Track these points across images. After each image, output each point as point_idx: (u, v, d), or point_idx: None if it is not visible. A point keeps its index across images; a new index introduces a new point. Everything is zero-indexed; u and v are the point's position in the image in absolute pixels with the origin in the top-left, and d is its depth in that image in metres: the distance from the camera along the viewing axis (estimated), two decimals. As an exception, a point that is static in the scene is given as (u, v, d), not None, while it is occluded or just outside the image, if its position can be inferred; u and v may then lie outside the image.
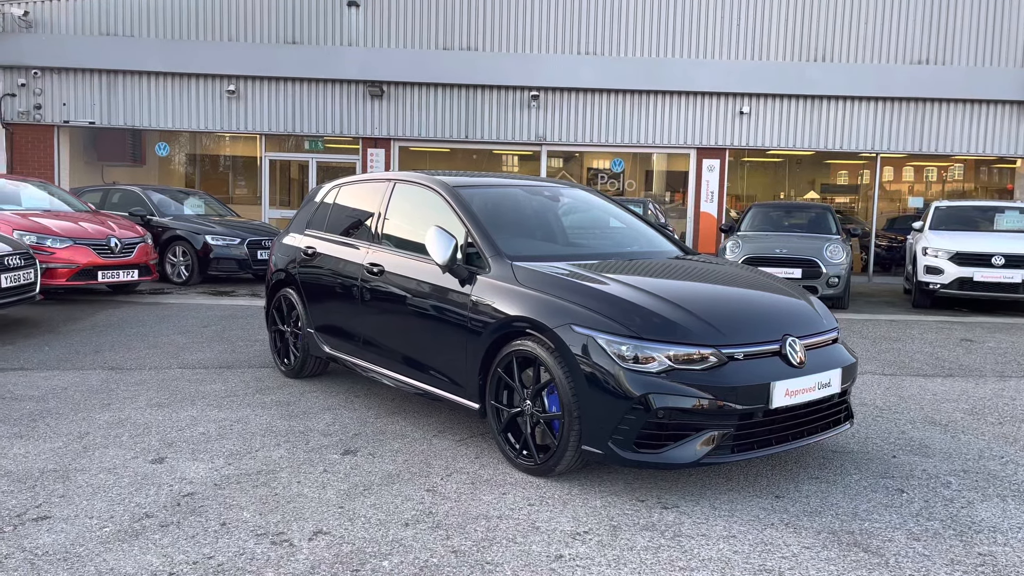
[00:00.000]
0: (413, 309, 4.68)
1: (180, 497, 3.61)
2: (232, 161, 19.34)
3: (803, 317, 4.10)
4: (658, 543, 3.21)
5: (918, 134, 15.85)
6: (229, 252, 11.98)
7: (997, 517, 3.58)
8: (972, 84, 15.56)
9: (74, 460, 4.09)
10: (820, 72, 15.51)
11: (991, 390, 6.15)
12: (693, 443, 3.57)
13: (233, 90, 15.56)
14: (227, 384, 5.77)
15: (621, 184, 17.06)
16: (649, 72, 15.54)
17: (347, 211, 5.70)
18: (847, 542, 3.26)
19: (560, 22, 15.56)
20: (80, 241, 9.60)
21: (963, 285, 10.71)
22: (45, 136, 15.78)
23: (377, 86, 15.53)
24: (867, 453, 4.44)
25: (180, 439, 4.46)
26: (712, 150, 15.90)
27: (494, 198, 5.02)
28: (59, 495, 3.62)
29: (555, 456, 3.79)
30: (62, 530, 3.25)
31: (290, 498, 3.62)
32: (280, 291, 6.04)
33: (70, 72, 15.59)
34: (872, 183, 16.64)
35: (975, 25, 15.56)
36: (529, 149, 16.50)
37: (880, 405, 5.55)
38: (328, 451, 4.30)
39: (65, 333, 7.66)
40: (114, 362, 6.44)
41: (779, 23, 15.56)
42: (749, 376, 3.62)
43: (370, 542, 3.18)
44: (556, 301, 3.89)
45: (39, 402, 5.18)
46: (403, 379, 4.80)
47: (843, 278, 10.67)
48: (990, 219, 12.11)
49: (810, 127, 15.83)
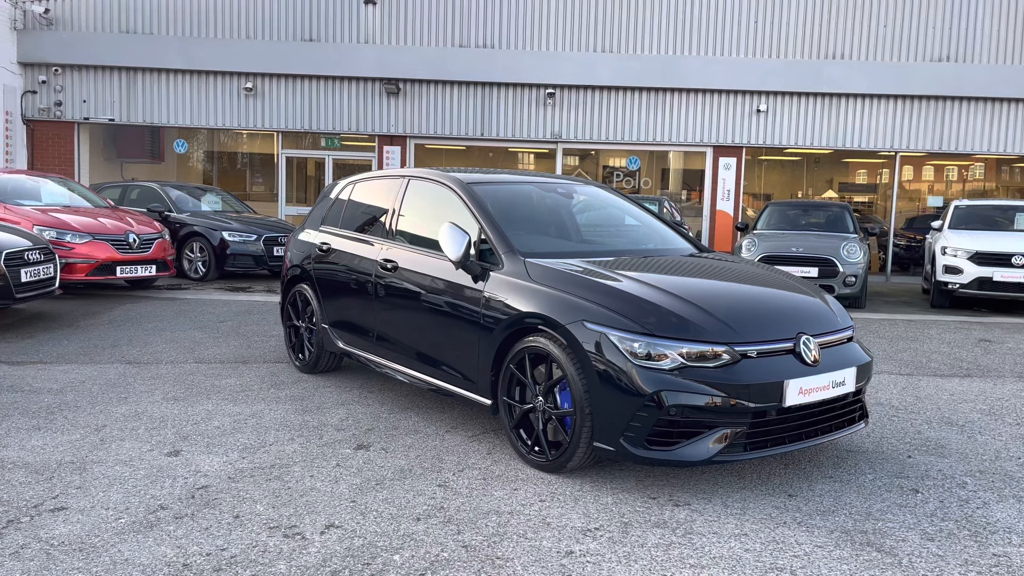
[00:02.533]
0: (426, 305, 4.69)
1: (194, 490, 3.64)
2: (249, 158, 19.46)
3: (818, 315, 4.08)
4: (669, 540, 3.20)
5: (938, 133, 15.69)
6: (245, 248, 12.05)
7: (1013, 518, 3.54)
8: (993, 82, 15.38)
9: (91, 452, 4.13)
10: (838, 70, 15.39)
11: (1009, 391, 6.08)
12: (706, 441, 3.55)
13: (251, 87, 15.65)
14: (242, 379, 5.81)
15: (637, 182, 17.01)
16: (666, 70, 15.48)
17: (362, 207, 5.72)
18: (860, 541, 3.24)
19: (577, 20, 15.53)
20: (99, 237, 9.69)
21: (982, 285, 10.60)
22: (65, 133, 15.94)
23: (393, 84, 15.57)
24: (882, 453, 4.40)
25: (195, 432, 4.50)
26: (729, 148, 15.82)
27: (508, 195, 5.02)
28: (76, 486, 3.66)
29: (567, 452, 3.79)
30: (78, 521, 3.29)
31: (303, 492, 3.64)
32: (295, 287, 6.07)
33: (90, 69, 15.74)
34: (891, 182, 16.49)
35: (996, 22, 15.38)
36: (545, 147, 16.49)
37: (896, 405, 5.51)
38: (341, 446, 4.32)
39: (83, 327, 7.74)
40: (131, 356, 6.50)
41: (797, 20, 15.45)
42: (763, 374, 3.60)
43: (381, 536, 3.20)
44: (569, 298, 3.89)
45: (57, 395, 5.24)
46: (416, 375, 4.81)
47: (860, 277, 10.59)
48: (1010, 219, 11.98)
49: (828, 125, 15.70)
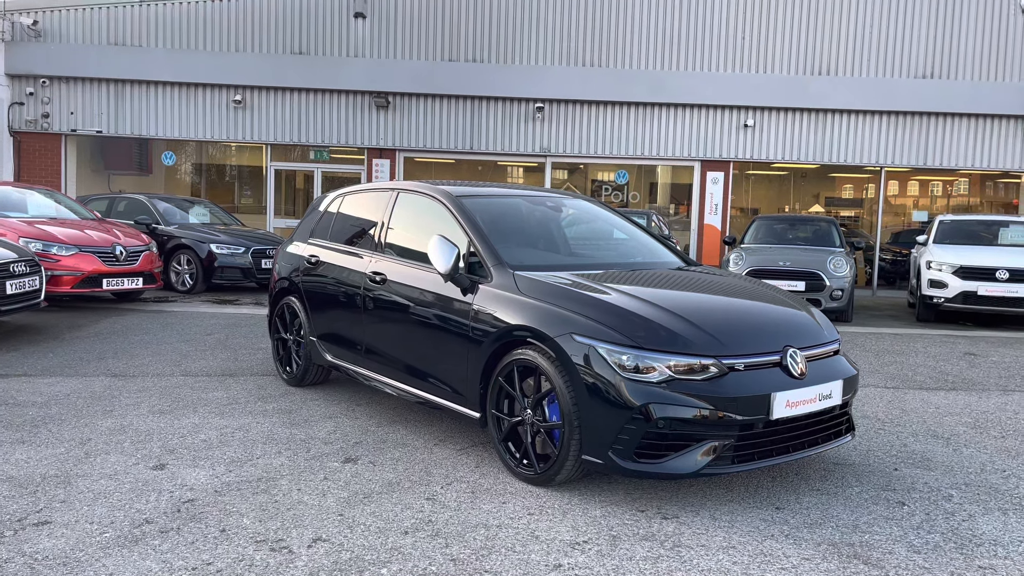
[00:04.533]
0: (415, 318, 4.69)
1: (180, 503, 3.62)
2: (238, 171, 19.41)
3: (804, 328, 4.10)
4: (657, 553, 3.20)
5: (923, 148, 15.86)
6: (233, 261, 12.01)
7: (998, 530, 3.56)
8: (977, 98, 15.58)
9: (76, 466, 4.10)
10: (824, 85, 15.54)
11: (994, 404, 6.13)
12: (694, 453, 3.56)
13: (240, 100, 15.64)
14: (229, 392, 5.78)
15: (625, 196, 17.07)
16: (654, 84, 15.59)
17: (350, 220, 5.72)
18: (847, 554, 3.25)
19: (565, 34, 15.63)
20: (85, 249, 9.64)
21: (967, 299, 10.68)
22: (52, 145, 15.88)
23: (383, 97, 15.61)
24: (869, 466, 4.42)
25: (181, 446, 4.47)
26: (716, 163, 15.92)
27: (497, 208, 5.04)
28: (60, 500, 3.63)
29: (555, 465, 3.79)
30: (62, 535, 3.26)
31: (290, 505, 3.62)
32: (283, 299, 6.06)
33: (78, 81, 15.70)
34: (877, 197, 16.64)
35: (979, 40, 15.59)
36: (534, 161, 16.54)
37: (882, 418, 5.53)
38: (329, 459, 4.30)
39: (69, 340, 7.68)
40: (117, 369, 6.46)
41: (784, 36, 15.61)
42: (750, 387, 3.62)
43: (369, 549, 3.18)
44: (557, 310, 3.90)
45: (42, 408, 5.20)
46: (404, 387, 4.80)
47: (847, 291, 10.66)
48: (994, 233, 12.09)
49: (814, 140, 15.84)
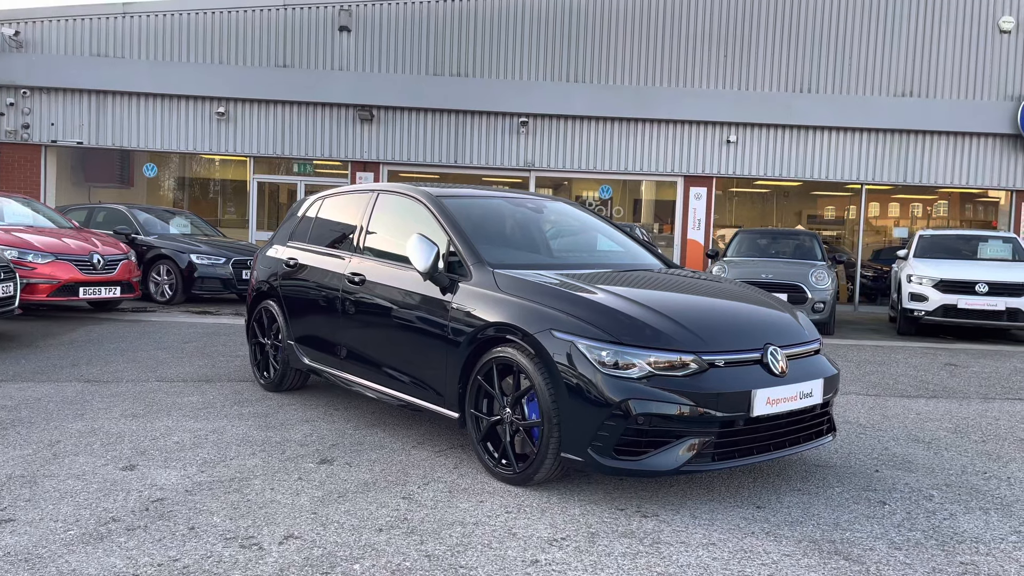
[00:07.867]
0: (394, 318, 4.63)
1: (149, 502, 3.52)
2: (221, 184, 19.29)
3: (785, 327, 4.08)
4: (636, 549, 3.15)
5: (903, 165, 16.02)
6: (214, 271, 11.88)
7: (980, 528, 3.53)
8: (955, 117, 15.77)
9: (43, 467, 4.00)
10: (806, 103, 15.69)
11: (975, 410, 6.13)
12: (674, 450, 3.52)
13: (223, 112, 15.57)
14: (204, 396, 5.68)
15: (609, 211, 17.11)
16: (638, 100, 15.67)
17: (330, 223, 5.67)
18: (828, 550, 3.21)
19: (550, 49, 15.71)
20: (62, 257, 9.50)
21: (947, 312, 10.73)
22: (32, 156, 15.71)
23: (367, 110, 15.59)
24: (850, 467, 4.39)
25: (153, 448, 4.37)
26: (699, 178, 15.99)
27: (477, 208, 5.01)
28: (25, 499, 3.53)
29: (534, 464, 3.73)
30: (25, 532, 3.16)
31: (262, 504, 3.54)
32: (261, 303, 5.98)
33: (59, 92, 15.57)
34: (858, 217, 16.76)
35: (958, 59, 15.81)
36: (518, 175, 16.54)
37: (864, 423, 5.52)
38: (304, 460, 4.22)
39: (42, 347, 7.55)
40: (91, 375, 6.34)
41: (766, 54, 15.76)
42: (730, 383, 3.59)
43: (342, 546, 3.10)
44: (537, 307, 3.86)
45: (11, 411, 5.08)
46: (384, 390, 4.73)
47: (829, 303, 10.70)
48: (974, 248, 12.20)
49: (796, 157, 15.97)
